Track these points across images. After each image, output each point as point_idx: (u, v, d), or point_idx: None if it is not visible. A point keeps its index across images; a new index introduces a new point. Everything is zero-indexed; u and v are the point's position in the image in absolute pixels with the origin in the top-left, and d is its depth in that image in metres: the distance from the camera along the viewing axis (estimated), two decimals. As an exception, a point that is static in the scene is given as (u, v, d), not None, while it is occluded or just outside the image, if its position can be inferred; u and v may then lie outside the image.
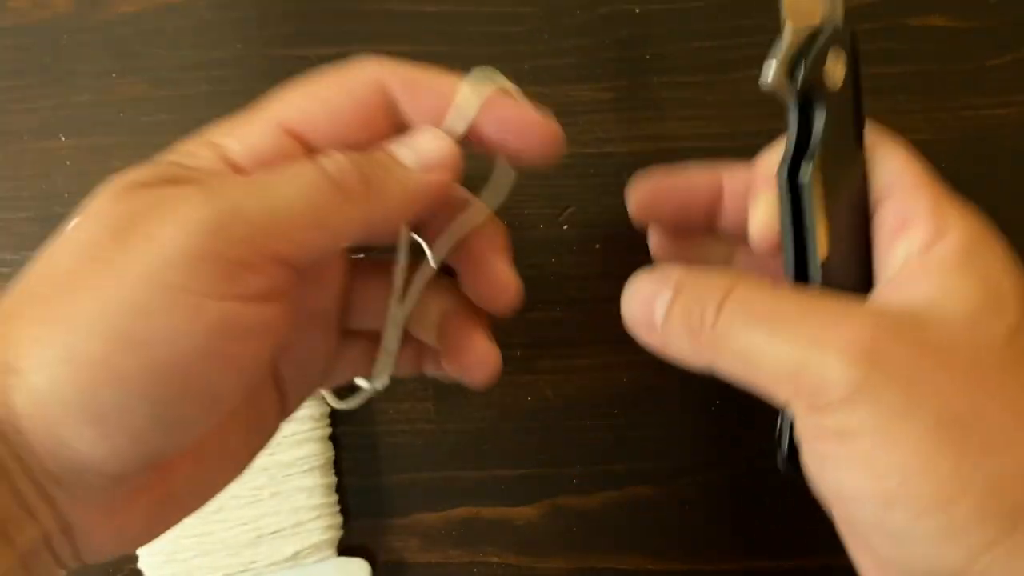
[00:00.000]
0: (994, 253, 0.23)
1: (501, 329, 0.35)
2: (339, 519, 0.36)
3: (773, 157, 0.26)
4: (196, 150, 0.23)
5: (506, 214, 0.35)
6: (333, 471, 0.36)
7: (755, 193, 0.26)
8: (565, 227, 0.36)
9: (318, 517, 0.35)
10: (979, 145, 0.35)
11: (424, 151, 0.24)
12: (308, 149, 0.23)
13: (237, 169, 0.23)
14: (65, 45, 0.36)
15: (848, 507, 0.22)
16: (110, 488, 0.21)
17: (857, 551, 0.24)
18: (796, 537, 0.36)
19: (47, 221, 0.36)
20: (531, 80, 0.36)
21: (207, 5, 0.36)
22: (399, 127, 0.25)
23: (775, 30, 0.36)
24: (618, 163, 0.35)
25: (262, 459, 0.33)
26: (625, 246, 0.36)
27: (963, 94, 0.35)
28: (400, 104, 0.25)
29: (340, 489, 0.36)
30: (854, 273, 0.25)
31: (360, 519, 0.36)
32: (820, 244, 0.24)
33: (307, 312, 0.26)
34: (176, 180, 0.22)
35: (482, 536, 0.36)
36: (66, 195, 0.36)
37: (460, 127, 0.25)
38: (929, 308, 0.22)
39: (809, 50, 0.23)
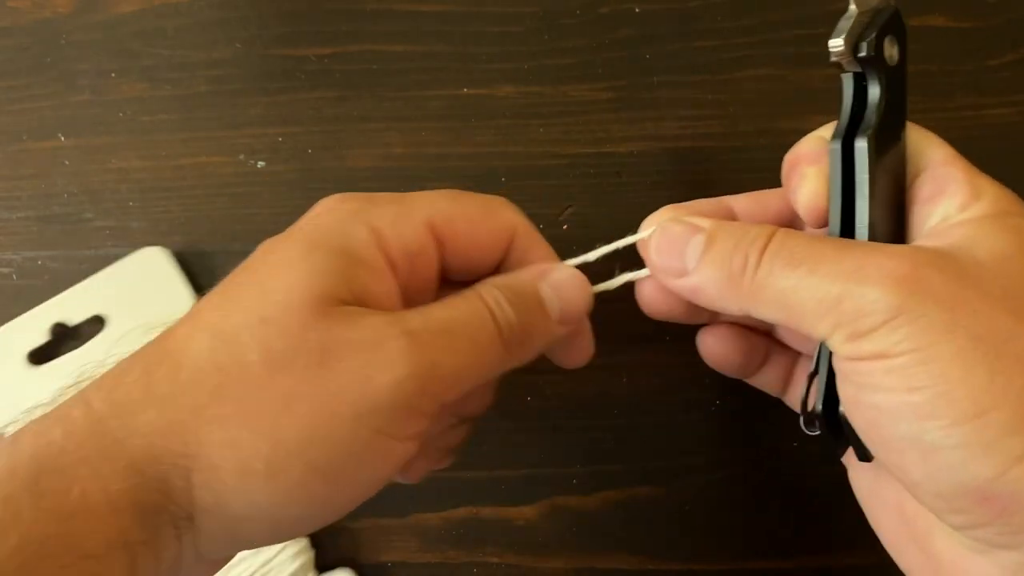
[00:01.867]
0: None
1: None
2: (304, 541, 0.35)
3: (810, 141, 0.27)
4: (359, 234, 0.24)
5: (506, 214, 0.35)
6: None
7: (800, 170, 0.26)
8: (565, 227, 0.36)
9: (283, 549, 0.34)
10: (979, 145, 0.35)
11: (569, 302, 0.27)
12: (439, 252, 0.26)
13: (390, 262, 0.24)
14: (64, 45, 0.36)
15: (884, 428, 0.22)
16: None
17: (887, 488, 0.25)
18: (796, 537, 0.36)
19: (46, 221, 0.36)
20: (531, 80, 0.36)
21: (207, 5, 0.36)
22: (505, 267, 0.28)
23: (775, 29, 0.36)
24: (618, 163, 0.35)
25: None
26: (625, 246, 0.36)
27: (963, 94, 0.35)
28: (516, 251, 0.27)
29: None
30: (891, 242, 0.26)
31: (360, 519, 0.36)
32: (866, 213, 0.25)
33: None
34: (364, 292, 0.23)
35: (482, 536, 0.36)
36: (65, 195, 0.36)
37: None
38: (964, 249, 0.23)
39: (868, 29, 0.25)
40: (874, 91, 0.25)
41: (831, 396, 0.25)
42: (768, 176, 0.35)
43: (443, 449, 0.30)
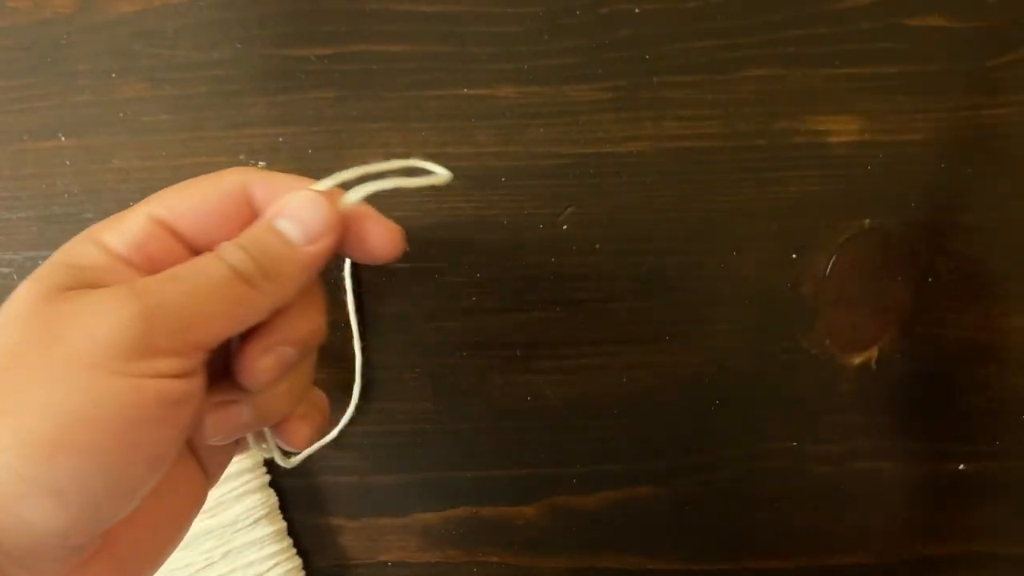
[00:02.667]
0: None
1: (501, 329, 0.35)
2: (298, 561, 0.36)
3: None
4: (84, 249, 0.25)
5: (506, 214, 0.35)
6: (280, 516, 0.36)
7: None
8: (565, 227, 0.36)
9: (276, 565, 0.35)
10: (979, 145, 0.35)
11: (308, 221, 0.27)
12: (178, 240, 0.26)
13: (121, 260, 0.25)
14: (65, 45, 0.36)
15: None
16: (67, 559, 0.23)
17: None
18: (796, 537, 0.36)
19: (47, 221, 0.36)
20: (531, 80, 0.36)
21: (207, 5, 0.36)
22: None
23: (775, 29, 0.36)
24: (618, 163, 0.35)
25: (205, 523, 0.34)
26: (625, 246, 0.36)
27: (963, 94, 0.35)
28: (260, 202, 0.28)
29: (340, 489, 0.36)
30: None
31: (360, 519, 0.36)
32: None
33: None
34: (95, 283, 0.24)
35: (482, 536, 0.36)
36: (66, 195, 0.36)
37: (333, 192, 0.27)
38: None
39: None
40: None
41: None
42: (768, 176, 0.35)
43: (309, 404, 0.30)
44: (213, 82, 0.36)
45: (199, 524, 0.34)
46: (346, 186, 0.27)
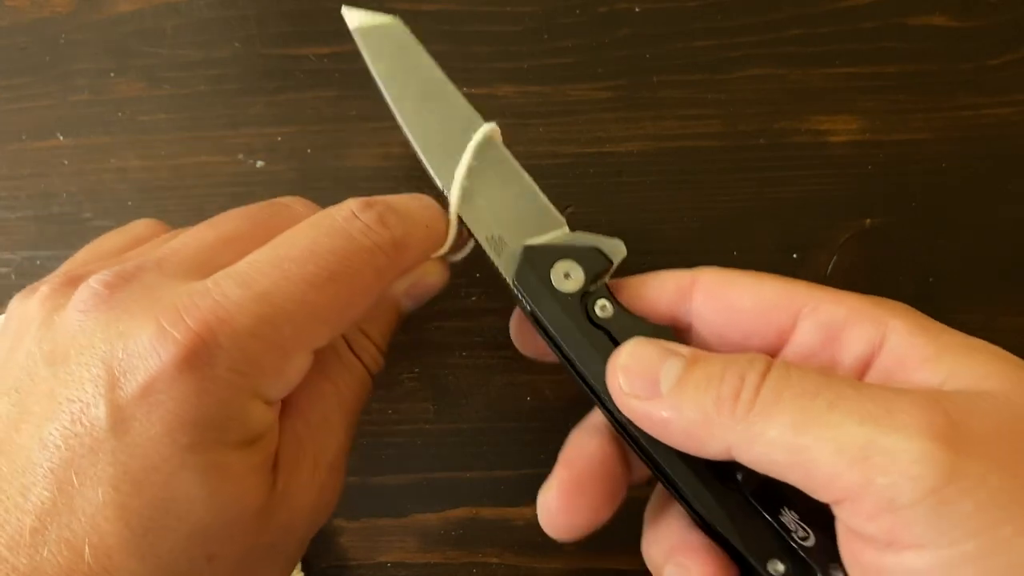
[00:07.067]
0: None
1: (501, 329, 0.35)
2: (296, 563, 0.35)
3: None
4: (252, 410, 0.22)
5: (506, 214, 0.35)
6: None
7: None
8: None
9: None
10: (979, 145, 0.35)
11: (421, 298, 0.29)
12: None
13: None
14: (63, 44, 0.36)
15: None
16: None
17: None
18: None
19: (45, 220, 0.36)
20: (531, 80, 0.35)
21: (206, 4, 0.36)
22: None
23: (775, 29, 0.36)
24: (618, 163, 0.35)
25: None
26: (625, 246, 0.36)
27: (963, 94, 0.35)
28: None
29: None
30: None
31: (359, 519, 0.36)
32: None
33: None
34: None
35: (482, 536, 0.36)
36: (64, 195, 0.36)
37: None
38: (970, 388, 0.19)
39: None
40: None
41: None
42: (768, 176, 0.35)
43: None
44: (212, 81, 0.36)
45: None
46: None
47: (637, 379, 0.22)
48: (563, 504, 0.24)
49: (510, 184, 0.28)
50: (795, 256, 0.35)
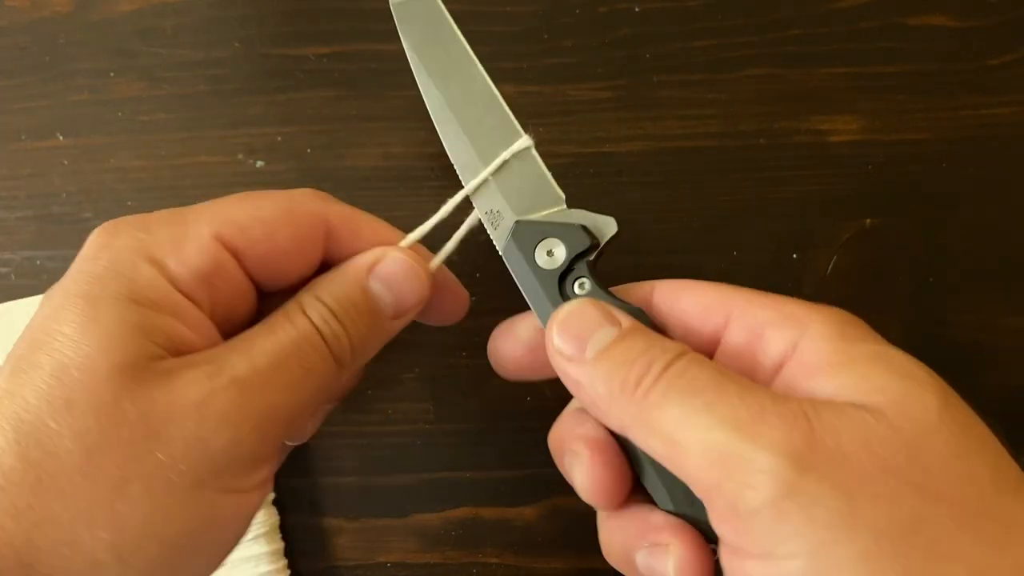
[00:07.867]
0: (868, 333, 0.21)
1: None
2: (278, 548, 0.35)
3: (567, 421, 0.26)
4: (145, 277, 0.22)
5: (506, 214, 0.35)
6: (279, 536, 0.35)
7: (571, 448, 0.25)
8: (565, 227, 0.36)
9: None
10: (979, 145, 0.35)
11: (402, 295, 0.25)
12: (242, 268, 0.24)
13: (187, 294, 0.22)
14: (63, 44, 0.36)
15: None
16: None
17: None
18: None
19: (45, 220, 0.36)
20: (531, 80, 0.35)
21: (206, 4, 0.36)
22: (329, 260, 0.25)
23: (775, 29, 0.36)
24: (618, 163, 0.35)
25: None
26: (625, 246, 0.35)
27: (963, 94, 0.35)
28: (338, 241, 0.25)
29: (340, 490, 0.36)
30: None
31: (359, 519, 0.36)
32: None
33: None
34: (173, 344, 0.21)
35: (482, 536, 0.36)
36: (64, 194, 0.36)
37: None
38: (856, 401, 0.19)
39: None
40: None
41: None
42: (768, 176, 0.35)
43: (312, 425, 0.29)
44: (212, 81, 0.36)
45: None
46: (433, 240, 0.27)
47: (568, 337, 0.22)
48: (596, 482, 0.24)
49: (516, 161, 0.28)
50: (795, 256, 0.35)
